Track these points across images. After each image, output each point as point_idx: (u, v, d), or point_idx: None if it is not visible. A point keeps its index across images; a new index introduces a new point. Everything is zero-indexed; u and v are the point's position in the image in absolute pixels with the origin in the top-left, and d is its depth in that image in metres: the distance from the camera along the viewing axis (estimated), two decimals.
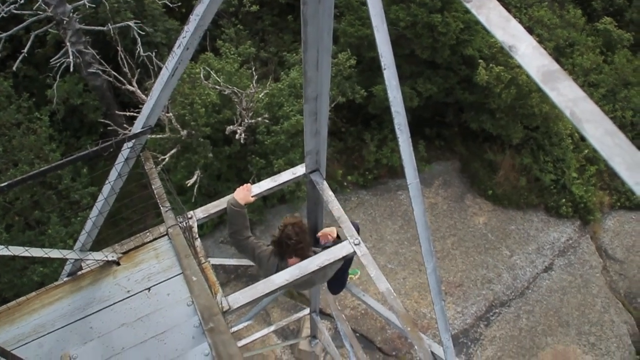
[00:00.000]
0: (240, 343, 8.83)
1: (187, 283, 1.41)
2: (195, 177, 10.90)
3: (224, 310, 3.45)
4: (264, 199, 13.05)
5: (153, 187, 2.79)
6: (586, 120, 1.29)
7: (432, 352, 3.66)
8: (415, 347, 3.64)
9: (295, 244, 4.03)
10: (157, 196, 2.68)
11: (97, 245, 3.84)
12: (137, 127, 2.98)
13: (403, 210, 13.42)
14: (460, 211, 13.90)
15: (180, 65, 2.86)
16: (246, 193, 4.17)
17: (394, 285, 12.41)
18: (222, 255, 12.36)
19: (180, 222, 3.03)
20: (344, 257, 3.79)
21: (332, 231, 4.62)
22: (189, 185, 10.79)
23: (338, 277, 5.61)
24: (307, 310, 9.03)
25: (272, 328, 9.17)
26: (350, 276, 6.53)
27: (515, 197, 14.12)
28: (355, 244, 3.84)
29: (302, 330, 11.24)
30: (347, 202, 13.74)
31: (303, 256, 4.00)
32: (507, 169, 14.19)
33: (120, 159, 3.02)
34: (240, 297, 3.56)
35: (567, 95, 1.35)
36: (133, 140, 2.95)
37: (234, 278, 12.41)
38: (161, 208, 2.61)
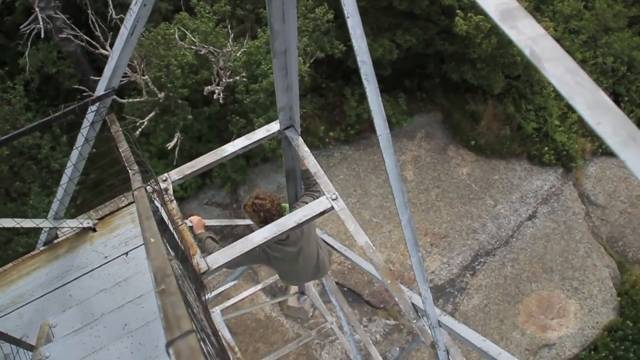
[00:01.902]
0: (229, 302, 8.90)
1: (145, 245, 1.38)
2: (175, 139, 10.78)
3: (203, 271, 3.43)
4: (247, 158, 12.98)
5: (120, 150, 2.72)
6: (546, 59, 1.24)
7: (412, 303, 3.69)
8: (396, 298, 3.66)
9: (272, 205, 4.12)
10: (124, 159, 2.61)
11: (79, 213, 3.78)
12: (100, 89, 2.88)
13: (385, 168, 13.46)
14: (443, 163, 13.94)
15: (138, 23, 2.74)
16: (198, 222, 4.46)
17: (380, 239, 12.52)
18: (208, 217, 12.34)
19: (151, 185, 2.97)
20: (321, 213, 3.77)
21: None
22: (169, 148, 10.67)
23: None
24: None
25: (260, 286, 9.24)
26: None
27: (498, 146, 14.15)
28: (333, 199, 3.82)
29: (290, 288, 11.36)
30: (330, 159, 13.71)
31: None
32: (490, 118, 14.17)
33: (86, 123, 2.93)
34: (218, 257, 3.55)
35: (526, 34, 1.29)
36: (97, 104, 2.86)
37: (220, 239, 12.43)
38: (129, 170, 2.55)
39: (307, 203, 4.05)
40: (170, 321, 0.93)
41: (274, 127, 4.34)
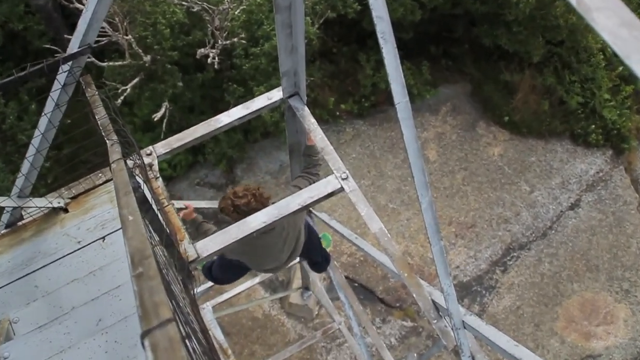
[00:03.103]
0: (222, 297, 8.96)
1: (122, 223, 1.36)
2: (163, 110, 10.76)
3: (191, 259, 3.43)
4: (245, 133, 12.96)
5: (97, 117, 2.70)
6: (596, 7, 1.19)
7: (433, 301, 3.68)
8: (414, 295, 3.65)
9: (256, 198, 4.13)
10: (101, 127, 2.59)
11: (49, 193, 3.78)
12: (73, 46, 2.86)
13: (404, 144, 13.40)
14: (471, 141, 13.86)
15: None
16: (186, 212, 4.55)
17: (397, 227, 12.52)
18: (199, 198, 12.38)
19: (133, 158, 2.96)
20: (329, 194, 3.75)
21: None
22: (156, 120, 10.66)
23: (312, 246, 5.66)
24: (297, 259, 9.11)
25: (258, 280, 9.29)
26: (328, 248, 6.63)
27: (535, 123, 14.03)
28: (343, 179, 3.80)
29: (292, 282, 11.40)
30: (340, 135, 13.67)
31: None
32: (527, 91, 14.04)
33: (57, 85, 2.91)
34: (210, 243, 3.55)
35: None
36: (70, 63, 2.84)
37: (213, 224, 12.47)
38: (107, 141, 2.53)
39: (300, 188, 4.00)
40: (147, 309, 0.92)
41: (276, 95, 4.32)
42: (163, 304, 0.94)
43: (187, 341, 1.52)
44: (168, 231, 3.06)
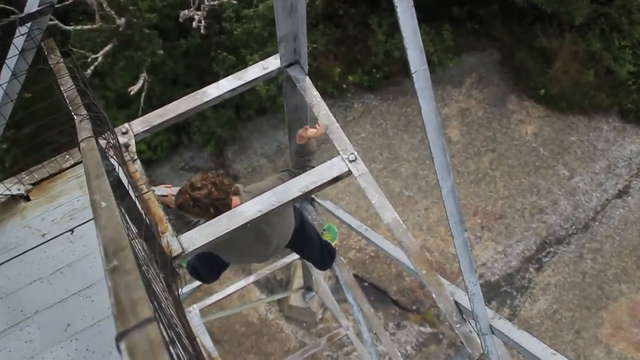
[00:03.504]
0: (211, 299, 8.99)
1: (94, 210, 1.36)
2: (141, 82, 10.75)
3: (175, 254, 3.44)
4: (237, 109, 12.95)
5: (62, 88, 2.68)
6: None
7: (456, 302, 3.69)
8: (433, 295, 3.66)
9: (218, 188, 4.10)
10: (68, 101, 2.58)
11: (8, 178, 3.78)
12: (32, 4, 2.84)
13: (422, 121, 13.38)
14: (501, 118, 13.83)
15: None
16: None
17: (413, 218, 12.53)
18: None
19: (106, 137, 2.95)
20: (335, 179, 3.75)
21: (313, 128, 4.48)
22: (132, 93, 10.65)
23: (306, 239, 5.66)
24: (298, 254, 9.12)
25: (253, 278, 9.31)
26: (334, 242, 6.62)
27: (577, 97, 13.97)
28: (350, 161, 3.79)
29: (292, 281, 11.44)
30: (348, 111, 13.65)
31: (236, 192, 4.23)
32: (567, 58, 13.97)
33: (14, 51, 2.90)
34: (196, 236, 3.55)
35: None
36: (28, 24, 2.83)
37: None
38: (75, 117, 2.52)
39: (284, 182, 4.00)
40: (124, 307, 0.92)
41: (273, 63, 4.31)
42: (142, 301, 0.94)
43: (170, 347, 1.52)
44: (148, 222, 3.06)
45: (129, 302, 0.92)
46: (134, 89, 10.71)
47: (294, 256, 9.18)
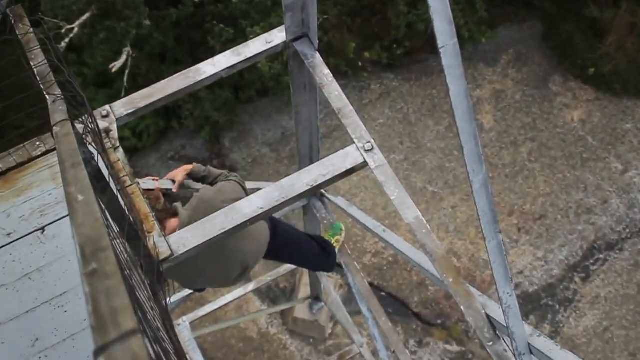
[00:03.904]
0: (204, 310, 9.01)
1: (69, 205, 1.35)
2: (124, 57, 10.76)
3: (163, 257, 3.44)
4: (236, 90, 12.95)
5: (32, 63, 2.68)
6: None
7: (487, 315, 3.68)
8: (461, 307, 3.64)
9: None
10: (39, 78, 2.58)
11: None
12: None
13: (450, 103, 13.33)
14: (542, 102, 13.78)
15: None
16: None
17: (439, 217, 12.51)
18: None
19: (83, 121, 2.95)
20: (349, 171, 3.75)
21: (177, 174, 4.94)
22: (114, 70, 10.67)
23: (285, 244, 5.67)
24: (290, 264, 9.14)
25: (252, 286, 9.32)
26: (335, 238, 6.63)
27: (633, 77, 13.89)
28: (366, 150, 3.78)
29: (298, 290, 11.44)
30: (364, 93, 13.63)
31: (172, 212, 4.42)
32: (622, 32, 13.89)
33: None
34: (188, 236, 3.55)
35: None
36: None
37: None
38: (47, 97, 2.52)
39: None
40: (103, 316, 0.91)
41: (278, 37, 4.29)
42: (125, 309, 0.93)
43: None
44: (131, 220, 3.06)
45: (109, 311, 0.92)
46: (115, 66, 10.73)
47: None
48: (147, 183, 4.77)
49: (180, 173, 5.13)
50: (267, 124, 13.37)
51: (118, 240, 2.50)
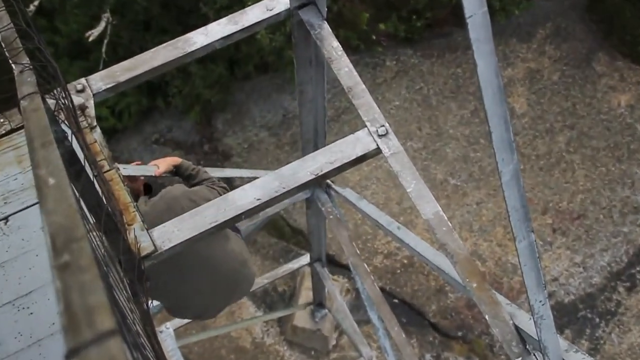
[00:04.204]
0: None
1: (38, 189, 1.35)
2: (102, 25, 10.76)
3: (145, 253, 3.45)
4: (231, 65, 12.94)
5: None
6: None
7: (516, 326, 3.68)
8: (486, 317, 3.64)
9: None
10: (3, 44, 2.56)
11: None
12: None
13: (477, 83, 13.28)
14: (584, 84, 13.76)
15: None
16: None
17: (461, 214, 12.51)
18: None
19: (55, 96, 2.94)
20: (359, 158, 3.75)
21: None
22: (91, 39, 10.66)
23: None
24: (305, 259, 9.15)
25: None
26: None
27: None
28: (380, 135, 3.78)
29: (298, 294, 11.47)
30: (378, 70, 13.62)
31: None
32: None
33: None
34: (174, 230, 3.56)
35: None
36: None
37: None
38: (13, 67, 2.51)
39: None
40: (76, 315, 0.91)
41: (281, 2, 4.29)
42: (102, 307, 0.93)
43: None
44: (110, 210, 3.06)
45: (83, 309, 0.91)
46: (93, 34, 10.73)
47: (302, 261, 9.21)
48: (129, 169, 4.78)
49: (166, 163, 5.18)
50: (266, 104, 13.36)
51: (94, 233, 2.50)
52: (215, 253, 5.03)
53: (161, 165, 5.13)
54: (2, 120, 3.66)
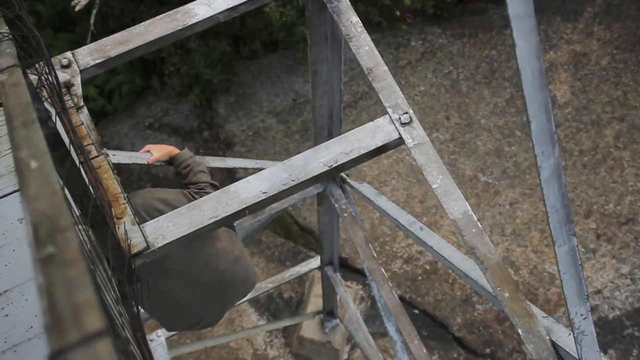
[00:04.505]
0: None
1: (19, 173, 1.35)
2: None
3: (136, 251, 3.46)
4: (236, 41, 12.96)
5: None
6: None
7: (553, 343, 3.67)
8: (519, 331, 3.64)
9: None
10: None
11: None
12: None
13: (515, 67, 13.26)
14: (637, 70, 13.71)
15: None
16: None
17: (493, 215, 12.49)
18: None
19: (38, 71, 2.96)
20: (379, 149, 3.74)
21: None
22: (78, 9, 10.66)
23: None
24: (315, 262, 9.16)
25: (248, 296, 9.34)
26: None
27: None
28: (403, 123, 3.78)
29: (307, 302, 11.49)
30: (401, 51, 13.61)
31: None
32: None
33: None
34: (169, 225, 3.57)
35: None
36: None
37: None
38: None
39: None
40: (61, 314, 0.91)
41: None
42: (89, 306, 0.93)
43: None
44: (97, 201, 3.07)
45: (69, 308, 0.91)
46: (80, 3, 10.72)
47: (311, 264, 9.21)
48: (119, 156, 4.80)
49: (161, 150, 5.17)
50: (275, 87, 13.38)
51: (79, 227, 2.51)
52: (201, 254, 5.03)
53: (155, 151, 5.12)
54: None
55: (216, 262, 5.10)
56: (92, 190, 3.00)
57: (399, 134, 3.76)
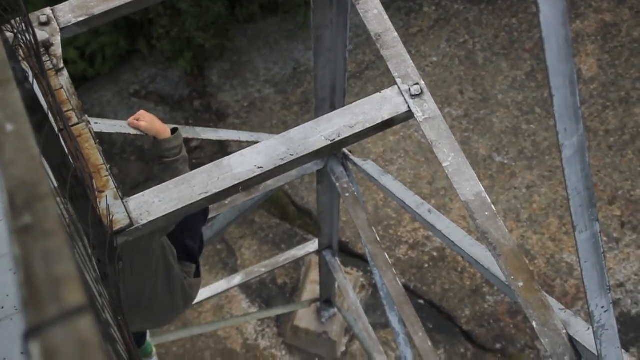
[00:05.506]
0: None
1: None
2: None
3: (119, 228, 3.46)
4: (231, 4, 12.91)
5: None
6: None
7: (570, 337, 3.68)
8: (533, 324, 3.64)
9: None
10: None
11: None
12: None
13: (537, 37, 13.20)
14: None
15: None
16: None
17: (508, 198, 12.48)
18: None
19: (15, 28, 2.95)
20: (385, 123, 3.73)
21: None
22: None
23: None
24: (313, 245, 9.16)
25: (239, 279, 9.36)
26: None
27: None
28: (413, 95, 3.77)
29: (303, 289, 11.50)
30: (413, 17, 13.58)
31: None
32: None
33: None
34: (155, 200, 3.57)
35: None
36: None
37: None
38: None
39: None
40: (39, 287, 0.91)
41: None
42: (70, 279, 0.93)
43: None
44: (77, 172, 3.06)
45: (48, 280, 0.91)
46: None
47: (308, 248, 9.21)
48: (101, 124, 4.79)
49: (154, 122, 5.01)
50: (273, 53, 13.35)
51: (58, 199, 2.50)
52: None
53: (147, 122, 4.94)
54: None
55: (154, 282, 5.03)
56: (71, 160, 2.99)
57: (408, 106, 3.75)
